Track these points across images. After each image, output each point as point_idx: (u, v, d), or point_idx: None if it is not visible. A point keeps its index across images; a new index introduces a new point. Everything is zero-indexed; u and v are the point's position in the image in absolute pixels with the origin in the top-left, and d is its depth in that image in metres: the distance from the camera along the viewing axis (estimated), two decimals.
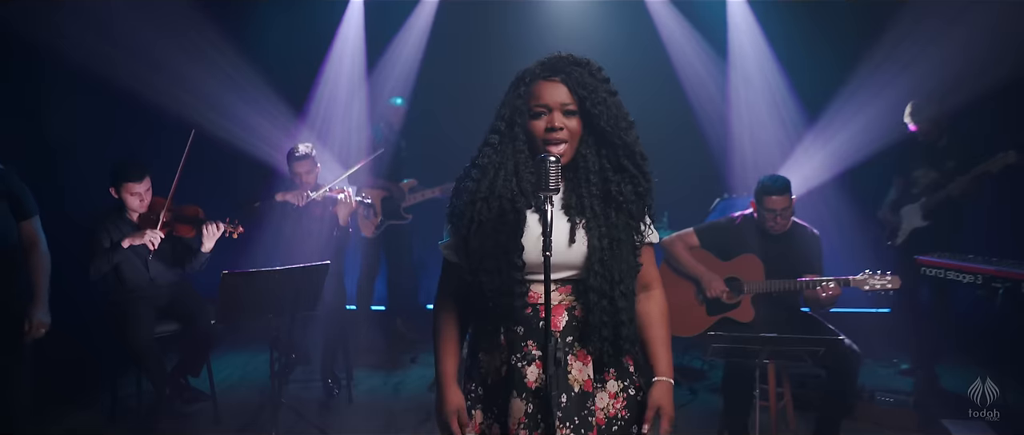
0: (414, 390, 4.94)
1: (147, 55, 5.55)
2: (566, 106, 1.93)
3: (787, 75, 5.98)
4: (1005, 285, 2.97)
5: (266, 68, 6.06)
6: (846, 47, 5.72)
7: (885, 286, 3.50)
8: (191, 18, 5.73)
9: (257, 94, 6.04)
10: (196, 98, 5.69)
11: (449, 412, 2.03)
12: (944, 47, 4.96)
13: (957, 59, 4.84)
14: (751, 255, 3.86)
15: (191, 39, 5.74)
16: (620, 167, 1.94)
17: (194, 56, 5.77)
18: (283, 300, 3.86)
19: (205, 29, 5.77)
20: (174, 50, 5.69)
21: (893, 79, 5.15)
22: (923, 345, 4.90)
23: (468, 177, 2.01)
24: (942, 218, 4.66)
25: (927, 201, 4.68)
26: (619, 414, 2.01)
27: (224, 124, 5.83)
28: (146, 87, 5.48)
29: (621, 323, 1.95)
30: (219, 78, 5.87)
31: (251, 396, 4.78)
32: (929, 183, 4.71)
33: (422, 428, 4.26)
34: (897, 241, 4.85)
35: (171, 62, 5.67)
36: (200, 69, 5.80)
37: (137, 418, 4.34)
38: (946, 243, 4.45)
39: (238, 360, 5.50)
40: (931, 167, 4.71)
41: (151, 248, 4.11)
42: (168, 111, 5.50)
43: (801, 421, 4.14)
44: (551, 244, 1.79)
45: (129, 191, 4.13)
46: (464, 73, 6.37)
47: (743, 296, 3.85)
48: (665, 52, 6.16)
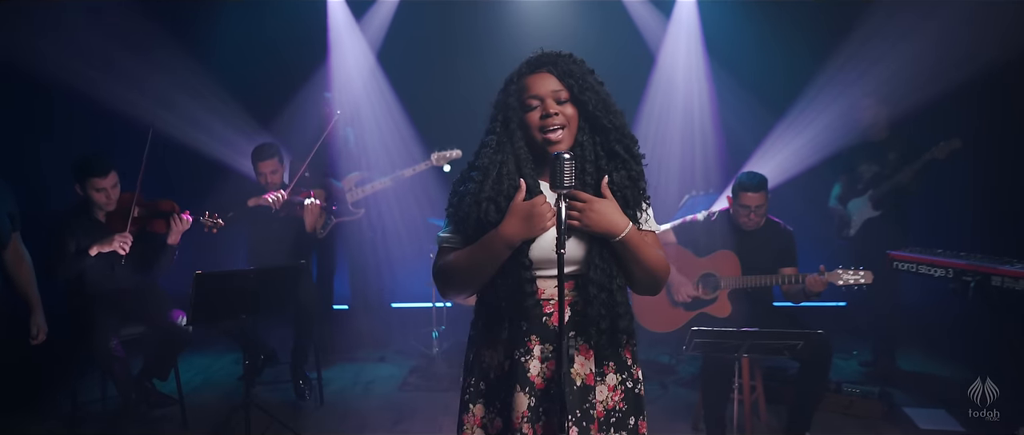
0: (385, 390, 4.88)
1: (95, 55, 5.43)
2: (557, 94, 1.95)
3: (753, 73, 6.09)
4: (975, 278, 3.06)
5: (220, 68, 5.98)
6: (808, 46, 5.85)
7: (858, 281, 3.60)
8: (138, 17, 5.61)
9: (210, 94, 5.94)
10: (148, 98, 5.59)
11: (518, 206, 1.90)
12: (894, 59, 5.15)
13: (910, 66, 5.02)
14: (727, 251, 3.92)
15: (139, 38, 5.63)
16: (612, 153, 1.97)
17: (144, 56, 5.66)
18: (258, 301, 3.78)
19: (152, 28, 5.68)
20: (121, 49, 5.55)
21: (858, 77, 5.29)
22: (882, 335, 5.06)
23: (469, 179, 2.00)
24: (891, 207, 4.87)
25: (875, 192, 4.88)
26: (617, 406, 2.04)
27: (179, 125, 5.73)
28: (94, 88, 5.35)
29: (618, 316, 1.96)
30: (172, 78, 5.77)
31: (218, 399, 4.67)
32: (872, 176, 4.92)
33: (396, 428, 4.22)
34: (850, 233, 5.03)
35: (121, 62, 5.54)
36: (150, 68, 5.69)
37: (101, 424, 4.20)
38: (896, 231, 4.71)
39: (201, 363, 5.37)
40: (873, 161, 4.93)
41: (121, 254, 3.94)
42: (118, 112, 5.37)
43: (771, 413, 4.23)
44: (565, 242, 1.80)
45: (94, 187, 3.97)
46: (421, 66, 6.39)
47: (720, 291, 3.90)
48: (628, 49, 6.22)
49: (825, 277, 3.64)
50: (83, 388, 4.34)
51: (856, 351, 5.44)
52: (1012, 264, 3.03)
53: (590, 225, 1.89)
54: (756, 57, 6.07)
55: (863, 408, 4.28)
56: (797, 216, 4.53)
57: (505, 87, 2.03)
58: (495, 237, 1.89)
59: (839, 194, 5.17)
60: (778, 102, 5.90)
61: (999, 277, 3.01)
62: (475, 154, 2.03)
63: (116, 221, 4.02)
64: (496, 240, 1.89)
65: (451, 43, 6.39)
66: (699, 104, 6.23)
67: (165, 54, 5.72)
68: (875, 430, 4.12)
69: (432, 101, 6.34)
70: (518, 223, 1.87)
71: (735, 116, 6.12)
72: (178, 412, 4.25)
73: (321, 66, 6.26)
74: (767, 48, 6.01)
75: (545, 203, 1.88)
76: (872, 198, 4.90)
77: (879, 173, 4.90)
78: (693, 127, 6.18)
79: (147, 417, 4.25)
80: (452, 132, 6.03)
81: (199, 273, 3.53)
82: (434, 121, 6.24)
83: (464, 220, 1.97)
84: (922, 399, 4.54)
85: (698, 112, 6.20)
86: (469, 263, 1.95)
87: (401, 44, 6.39)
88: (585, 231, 1.91)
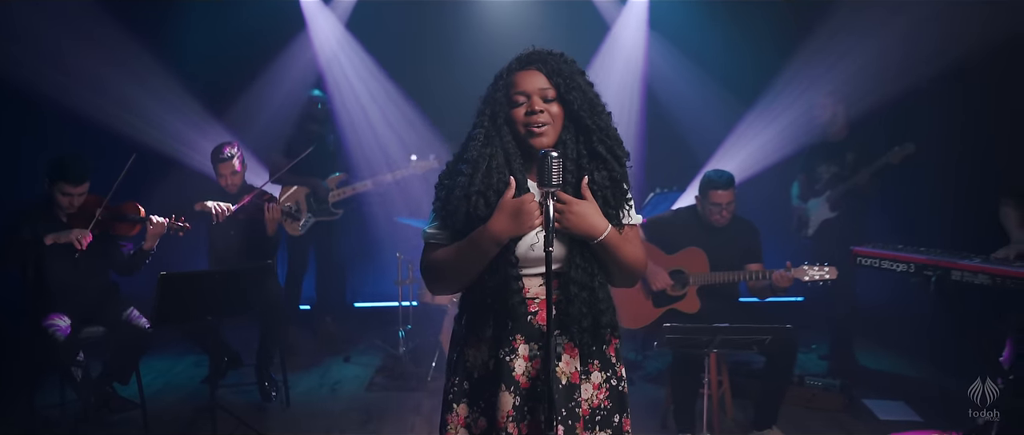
0: (352, 390, 4.84)
1: (53, 56, 5.33)
2: (545, 92, 1.96)
3: (720, 69, 6.17)
4: (936, 273, 3.14)
5: (179, 67, 5.90)
6: (772, 45, 5.96)
7: (824, 276, 3.68)
8: (99, 17, 5.50)
9: (172, 96, 5.87)
10: (108, 99, 5.50)
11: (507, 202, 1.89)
12: (859, 56, 5.25)
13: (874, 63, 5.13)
14: (695, 248, 3.97)
15: (98, 39, 5.51)
16: (595, 153, 1.97)
17: (104, 58, 5.55)
18: (225, 302, 3.71)
19: (114, 29, 5.57)
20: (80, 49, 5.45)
21: (824, 73, 5.39)
22: (839, 331, 5.17)
23: (458, 172, 1.99)
24: (848, 209, 4.94)
25: (832, 194, 4.95)
26: (602, 404, 2.05)
27: (142, 126, 5.65)
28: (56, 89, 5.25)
29: (600, 312, 1.98)
30: (134, 81, 5.67)
31: (180, 403, 4.57)
32: (830, 177, 5.00)
33: (366, 428, 4.18)
34: (809, 233, 5.10)
35: (81, 63, 5.44)
36: (112, 70, 5.58)
37: (61, 430, 4.06)
38: (852, 233, 4.73)
39: (160, 366, 5.24)
40: (832, 162, 4.99)
41: (78, 247, 3.83)
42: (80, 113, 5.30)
43: (737, 407, 4.30)
44: (553, 240, 1.80)
45: (62, 191, 3.86)
46: (397, 68, 6.37)
47: (689, 288, 3.95)
48: (592, 47, 6.26)
49: (791, 273, 3.71)
50: (41, 392, 4.20)
51: (815, 345, 5.56)
52: (971, 259, 3.12)
53: (569, 227, 1.90)
54: (722, 54, 6.17)
55: (825, 401, 4.38)
56: (759, 213, 4.62)
57: (494, 82, 2.03)
58: (483, 234, 1.88)
59: (799, 193, 5.25)
60: (742, 99, 5.99)
61: (958, 271, 3.09)
62: (462, 147, 2.02)
63: (78, 223, 3.92)
64: (485, 237, 1.88)
65: (421, 44, 6.39)
66: (665, 101, 6.29)
67: (122, 50, 5.61)
68: (837, 422, 4.22)
69: (407, 102, 6.36)
70: (507, 220, 1.87)
71: (699, 114, 6.19)
72: (140, 416, 4.12)
73: (285, 60, 6.22)
74: (733, 45, 6.11)
75: (533, 201, 1.88)
76: (829, 199, 4.96)
77: (838, 174, 4.95)
78: (657, 124, 6.25)
79: (107, 422, 4.14)
80: (429, 136, 6.05)
81: (164, 274, 3.46)
82: (413, 123, 6.28)
83: (453, 214, 1.96)
84: (881, 392, 4.67)
85: (663, 109, 6.27)
86: (457, 260, 1.95)
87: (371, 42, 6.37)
88: (565, 231, 1.92)
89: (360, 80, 6.35)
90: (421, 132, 6.28)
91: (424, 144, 5.60)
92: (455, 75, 5.76)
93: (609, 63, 6.28)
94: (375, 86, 6.36)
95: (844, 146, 4.97)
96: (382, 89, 6.36)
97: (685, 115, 6.22)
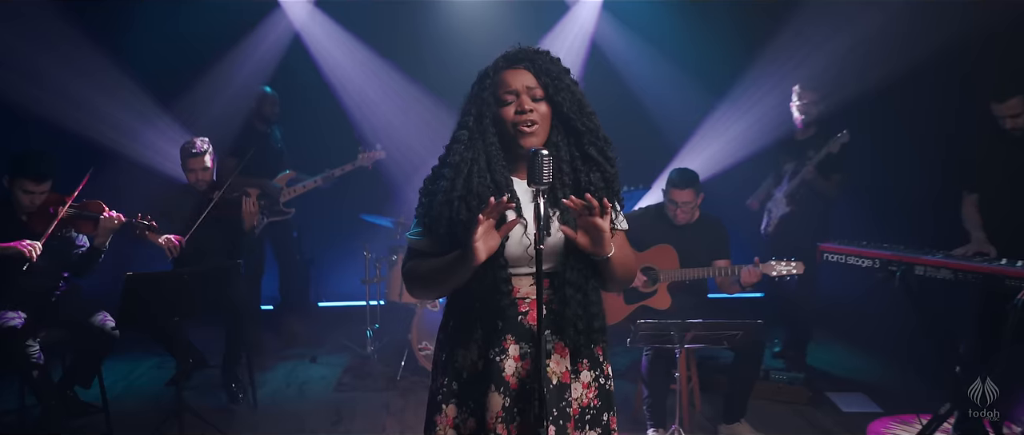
0: (320, 390, 4.79)
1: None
2: (533, 91, 1.95)
3: (683, 69, 6.24)
4: (900, 268, 3.24)
5: (132, 65, 5.81)
6: (738, 45, 6.05)
7: (791, 271, 3.76)
8: (50, 17, 5.39)
9: (127, 94, 5.79)
10: (57, 96, 5.38)
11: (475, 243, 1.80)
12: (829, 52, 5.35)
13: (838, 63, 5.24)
14: (665, 245, 4.02)
15: (49, 38, 5.41)
16: (587, 156, 1.98)
17: (56, 57, 5.45)
18: (192, 303, 3.64)
19: (64, 28, 5.47)
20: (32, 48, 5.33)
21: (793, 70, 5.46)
22: (797, 326, 5.27)
23: (441, 176, 1.98)
24: (806, 206, 4.99)
25: (788, 188, 5.01)
26: (591, 403, 2.05)
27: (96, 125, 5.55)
28: None
29: (593, 316, 1.99)
30: (84, 78, 5.57)
31: (143, 406, 4.47)
32: (791, 173, 5.06)
33: (337, 429, 4.15)
34: (769, 229, 5.16)
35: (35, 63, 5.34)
36: (62, 68, 5.47)
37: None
38: (809, 229, 4.81)
39: (120, 369, 5.11)
40: (795, 159, 5.05)
41: (28, 256, 3.65)
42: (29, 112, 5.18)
43: (705, 402, 4.37)
44: (544, 237, 1.80)
45: (23, 188, 3.72)
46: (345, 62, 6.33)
47: (660, 284, 4.00)
48: (554, 45, 6.26)
49: (759, 268, 3.78)
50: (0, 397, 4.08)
51: (776, 339, 5.67)
52: (933, 254, 3.23)
53: (597, 249, 1.88)
54: (689, 52, 6.21)
55: (791, 394, 4.48)
56: (726, 210, 4.69)
57: (479, 81, 2.01)
58: (468, 260, 1.82)
59: (764, 191, 5.30)
60: (709, 97, 6.05)
61: (922, 267, 3.20)
62: (446, 149, 2.00)
63: (38, 221, 3.78)
64: (470, 262, 1.82)
65: (377, 41, 6.35)
66: (633, 99, 6.34)
67: (72, 48, 5.51)
68: (803, 415, 4.31)
69: (361, 98, 6.31)
70: (483, 249, 1.81)
71: (665, 111, 6.26)
72: (102, 421, 4.02)
73: (234, 56, 6.15)
74: (698, 44, 6.16)
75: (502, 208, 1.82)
76: (786, 195, 5.01)
77: (796, 171, 4.99)
78: (624, 122, 6.28)
79: (69, 427, 4.02)
80: (379, 130, 6.00)
81: (130, 275, 3.37)
82: (361, 119, 6.23)
83: (436, 219, 1.94)
84: (840, 385, 4.79)
85: (630, 107, 6.32)
86: (444, 274, 1.92)
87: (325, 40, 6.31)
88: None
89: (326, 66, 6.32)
90: (372, 121, 6.27)
91: (372, 134, 5.53)
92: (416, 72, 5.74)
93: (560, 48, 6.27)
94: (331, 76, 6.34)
95: (807, 144, 5.02)
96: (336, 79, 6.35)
97: (650, 112, 6.29)
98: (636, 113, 6.27)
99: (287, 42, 6.28)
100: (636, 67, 6.36)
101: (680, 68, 6.23)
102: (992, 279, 2.96)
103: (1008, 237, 3.63)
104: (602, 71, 6.31)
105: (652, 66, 6.31)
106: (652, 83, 6.31)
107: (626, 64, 6.40)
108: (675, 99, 6.20)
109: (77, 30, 5.51)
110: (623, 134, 6.31)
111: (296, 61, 6.25)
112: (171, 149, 5.79)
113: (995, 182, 3.81)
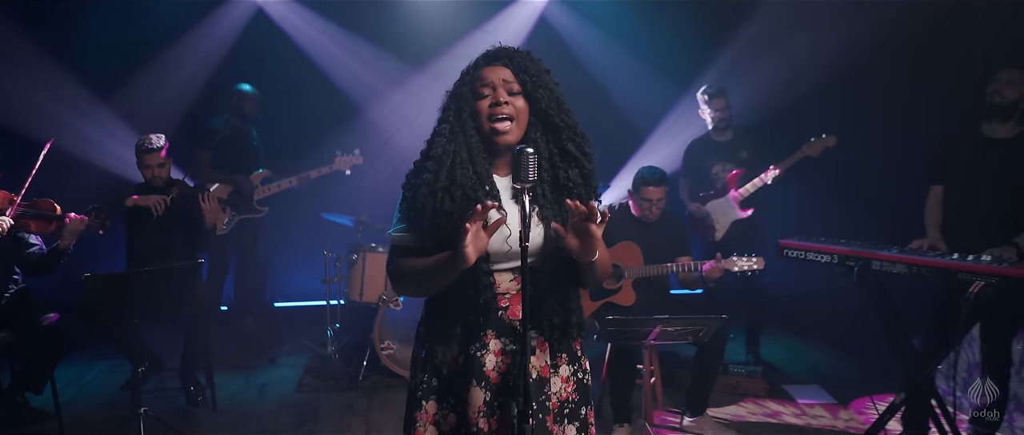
0: (281, 392, 4.71)
1: None
2: (509, 85, 1.97)
3: (638, 70, 6.30)
4: (858, 263, 3.33)
5: (81, 64, 5.70)
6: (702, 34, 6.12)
7: (752, 267, 3.84)
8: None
9: (73, 94, 5.66)
10: None
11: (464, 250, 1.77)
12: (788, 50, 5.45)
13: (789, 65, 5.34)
14: (629, 242, 4.07)
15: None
16: (565, 152, 2.00)
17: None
18: (152, 304, 3.55)
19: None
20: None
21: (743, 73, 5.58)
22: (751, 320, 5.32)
23: (423, 170, 1.98)
24: (759, 206, 4.95)
25: (742, 192, 4.85)
26: (570, 397, 2.08)
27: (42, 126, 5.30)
28: None
29: (570, 311, 2.02)
30: (30, 79, 5.45)
31: (96, 411, 4.34)
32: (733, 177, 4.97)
33: (300, 430, 4.09)
34: (717, 236, 4.90)
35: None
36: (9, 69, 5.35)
37: None
38: (755, 228, 4.83)
39: (69, 373, 4.94)
40: (727, 160, 4.96)
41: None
42: None
43: (667, 396, 4.44)
44: (529, 234, 1.81)
45: None
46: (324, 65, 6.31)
47: (624, 280, 4.05)
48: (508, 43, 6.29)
49: (722, 264, 3.86)
50: None
51: (732, 334, 5.76)
52: (889, 249, 3.33)
53: (585, 254, 1.86)
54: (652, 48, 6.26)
55: (749, 386, 4.58)
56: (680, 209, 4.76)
57: (461, 78, 2.04)
58: (458, 263, 1.80)
59: (689, 195, 5.11)
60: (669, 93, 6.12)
61: (878, 262, 3.29)
62: (428, 143, 2.02)
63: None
64: (460, 266, 1.80)
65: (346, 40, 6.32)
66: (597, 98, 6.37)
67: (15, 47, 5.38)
68: (762, 406, 4.41)
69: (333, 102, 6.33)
70: (474, 253, 1.79)
71: (620, 107, 6.33)
72: (55, 427, 3.90)
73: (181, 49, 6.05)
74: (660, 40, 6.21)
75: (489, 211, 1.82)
76: (738, 200, 4.86)
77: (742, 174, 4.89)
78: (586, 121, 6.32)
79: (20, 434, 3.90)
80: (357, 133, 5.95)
81: (88, 276, 3.27)
82: (337, 122, 6.24)
83: (420, 212, 1.94)
84: (795, 377, 4.92)
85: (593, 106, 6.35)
86: (433, 276, 1.91)
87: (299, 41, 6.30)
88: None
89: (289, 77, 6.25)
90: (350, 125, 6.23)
91: (350, 140, 5.51)
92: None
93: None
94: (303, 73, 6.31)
95: (734, 145, 4.95)
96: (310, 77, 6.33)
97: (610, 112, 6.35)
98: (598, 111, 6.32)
99: (236, 33, 6.22)
100: (594, 63, 6.43)
101: (644, 63, 6.29)
102: (946, 273, 3.06)
103: (970, 232, 3.68)
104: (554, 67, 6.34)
105: (611, 59, 6.38)
106: (613, 77, 6.37)
107: (582, 58, 6.45)
108: (638, 94, 6.26)
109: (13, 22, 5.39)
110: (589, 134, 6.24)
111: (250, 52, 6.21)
112: (107, 141, 5.69)
113: (961, 180, 3.84)
